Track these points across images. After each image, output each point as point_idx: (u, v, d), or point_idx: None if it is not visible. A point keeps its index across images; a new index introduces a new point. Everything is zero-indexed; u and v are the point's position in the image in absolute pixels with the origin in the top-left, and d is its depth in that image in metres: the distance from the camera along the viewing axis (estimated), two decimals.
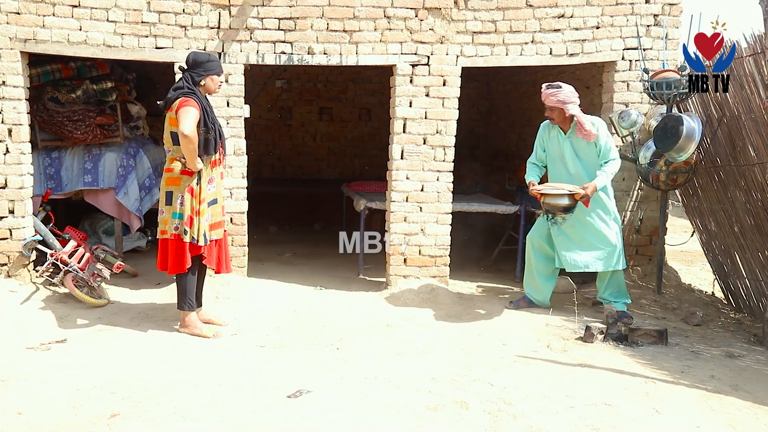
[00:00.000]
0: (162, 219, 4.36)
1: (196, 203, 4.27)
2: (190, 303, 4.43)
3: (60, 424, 3.08)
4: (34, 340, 4.21)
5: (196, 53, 4.40)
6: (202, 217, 4.29)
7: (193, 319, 4.45)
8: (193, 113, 4.13)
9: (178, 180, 4.27)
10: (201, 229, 4.29)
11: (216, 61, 4.40)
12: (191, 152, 4.13)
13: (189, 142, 4.09)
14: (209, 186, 4.36)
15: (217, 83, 4.40)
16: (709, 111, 5.42)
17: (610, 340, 4.45)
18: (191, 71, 4.31)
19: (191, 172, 4.25)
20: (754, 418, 3.39)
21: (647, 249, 5.80)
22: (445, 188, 5.56)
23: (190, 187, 4.26)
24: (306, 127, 9.76)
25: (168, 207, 4.31)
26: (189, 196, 4.25)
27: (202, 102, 4.26)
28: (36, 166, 5.72)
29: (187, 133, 4.05)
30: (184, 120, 4.09)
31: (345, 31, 5.32)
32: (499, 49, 5.44)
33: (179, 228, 4.27)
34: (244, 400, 3.39)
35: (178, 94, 4.23)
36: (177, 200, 4.27)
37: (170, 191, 4.30)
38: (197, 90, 4.29)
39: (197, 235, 4.28)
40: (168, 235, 4.31)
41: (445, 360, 4.08)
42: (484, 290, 5.84)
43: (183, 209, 4.25)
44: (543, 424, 3.22)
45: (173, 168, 4.28)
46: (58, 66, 5.74)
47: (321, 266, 6.52)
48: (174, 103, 4.21)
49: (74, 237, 5.40)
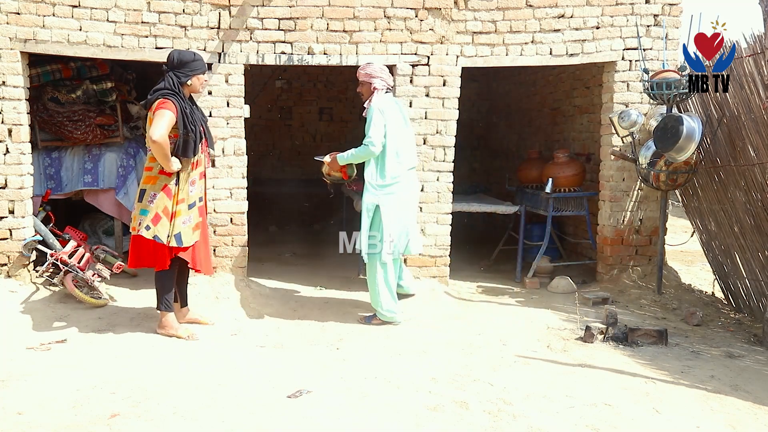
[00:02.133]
0: (133, 216, 4.29)
1: (173, 204, 4.19)
2: (166, 303, 4.38)
3: (60, 424, 3.08)
4: (34, 340, 4.21)
5: (181, 52, 4.31)
6: (177, 218, 4.21)
7: (170, 320, 4.39)
8: (167, 116, 4.05)
9: (155, 179, 4.20)
10: (174, 230, 4.21)
11: (201, 59, 4.33)
12: (161, 156, 4.06)
13: (158, 147, 4.01)
14: (191, 188, 4.29)
15: (202, 82, 4.35)
16: (709, 111, 5.42)
17: (610, 340, 4.45)
18: (176, 71, 4.21)
19: (170, 173, 4.19)
20: (754, 418, 3.39)
21: (647, 249, 5.81)
22: (445, 188, 5.56)
23: (167, 186, 4.19)
24: (306, 127, 9.76)
25: (138, 204, 4.23)
26: (163, 194, 4.18)
27: (182, 104, 4.16)
28: (36, 166, 5.72)
29: (156, 138, 3.97)
30: (154, 124, 4.02)
31: (345, 31, 5.32)
32: (499, 49, 5.44)
33: (142, 224, 4.16)
34: (244, 400, 3.39)
35: (157, 95, 4.13)
36: (147, 198, 4.19)
37: (144, 189, 4.23)
38: (180, 91, 4.20)
39: (162, 235, 4.16)
40: (135, 232, 4.22)
41: (445, 360, 4.08)
42: (484, 290, 5.85)
43: (150, 206, 4.16)
44: (543, 424, 3.22)
45: (152, 167, 4.22)
46: (58, 66, 5.73)
47: (321, 266, 6.52)
48: (154, 104, 4.13)
49: (74, 237, 5.40)
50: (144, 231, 4.16)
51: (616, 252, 5.81)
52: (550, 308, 5.24)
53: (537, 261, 6.11)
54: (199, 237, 4.40)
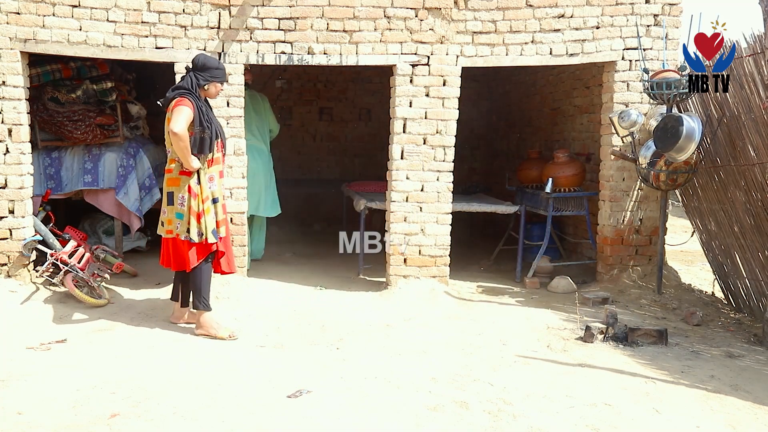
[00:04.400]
0: (166, 219, 4.38)
1: (199, 203, 4.29)
2: (205, 302, 4.42)
3: (60, 424, 3.08)
4: (34, 340, 4.21)
5: (207, 57, 4.43)
6: (207, 215, 4.32)
7: (209, 318, 4.43)
8: (185, 113, 4.18)
9: (178, 180, 4.32)
10: (209, 226, 4.32)
11: (223, 69, 4.48)
12: (182, 150, 4.17)
13: (179, 140, 4.13)
14: (210, 184, 4.38)
15: (218, 90, 4.48)
16: (709, 111, 5.42)
17: (610, 340, 4.45)
18: (197, 73, 4.35)
19: (189, 172, 4.27)
20: (754, 418, 3.38)
21: (647, 249, 5.80)
22: (445, 188, 5.56)
23: (190, 186, 4.29)
24: (306, 127, 9.75)
25: (170, 207, 4.35)
26: (188, 196, 4.28)
27: (198, 102, 4.29)
28: (36, 166, 5.72)
29: (177, 131, 4.10)
30: (174, 118, 4.15)
31: (345, 31, 5.32)
32: (499, 49, 5.44)
33: (180, 228, 4.30)
34: (244, 400, 3.39)
35: (175, 94, 4.29)
36: (178, 200, 4.31)
37: (171, 192, 4.35)
38: (196, 91, 4.33)
39: (205, 233, 4.31)
40: (173, 235, 4.34)
41: (445, 360, 4.08)
42: (484, 290, 5.85)
43: (184, 209, 4.29)
44: (543, 424, 3.22)
45: (172, 168, 4.34)
46: (58, 66, 5.73)
47: (321, 266, 6.52)
48: (171, 103, 4.26)
49: (74, 237, 5.40)
50: (186, 234, 4.28)
51: (616, 252, 5.81)
52: (550, 308, 5.24)
53: (537, 261, 6.11)
54: (225, 233, 4.50)
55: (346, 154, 9.81)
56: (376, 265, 6.11)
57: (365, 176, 8.82)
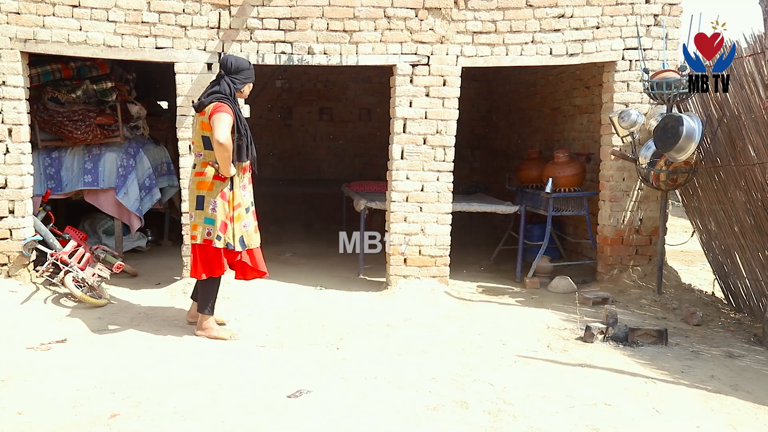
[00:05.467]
0: (192, 224, 4.31)
1: (230, 209, 4.23)
2: (211, 307, 4.42)
3: (60, 424, 3.08)
4: (34, 340, 4.21)
5: (237, 58, 4.36)
6: (238, 222, 4.26)
7: (212, 323, 4.43)
8: (227, 120, 4.09)
9: (211, 185, 4.20)
10: (237, 234, 4.26)
11: (252, 68, 4.40)
12: (225, 159, 4.10)
13: (224, 150, 4.05)
14: (243, 192, 4.32)
15: (250, 89, 4.42)
16: (709, 111, 5.42)
17: (610, 340, 4.45)
18: (232, 76, 4.25)
19: (224, 177, 4.20)
20: (754, 418, 3.38)
21: (647, 249, 5.80)
22: (445, 188, 5.56)
23: (223, 192, 4.21)
24: (306, 127, 9.76)
25: (199, 211, 4.24)
26: (222, 201, 4.20)
27: (236, 108, 4.22)
28: (36, 166, 5.72)
29: (223, 141, 4.02)
30: (218, 127, 4.04)
31: (345, 31, 5.32)
32: (499, 49, 5.44)
33: (212, 234, 4.21)
34: (244, 400, 3.39)
35: (213, 98, 4.16)
36: (209, 205, 4.20)
37: (202, 195, 4.23)
38: (234, 96, 4.25)
39: (233, 241, 4.25)
40: (198, 240, 4.24)
41: (445, 360, 4.08)
42: (484, 290, 5.85)
43: (215, 214, 4.20)
44: (543, 424, 3.22)
45: (206, 172, 4.21)
46: (58, 66, 5.74)
47: (321, 266, 6.52)
48: (208, 108, 4.15)
49: (74, 237, 5.40)
50: (216, 241, 4.21)
51: (616, 252, 5.81)
52: (550, 308, 5.24)
53: (537, 261, 6.11)
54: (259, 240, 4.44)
55: (346, 154, 9.81)
56: (376, 265, 6.11)
57: (365, 176, 8.83)
